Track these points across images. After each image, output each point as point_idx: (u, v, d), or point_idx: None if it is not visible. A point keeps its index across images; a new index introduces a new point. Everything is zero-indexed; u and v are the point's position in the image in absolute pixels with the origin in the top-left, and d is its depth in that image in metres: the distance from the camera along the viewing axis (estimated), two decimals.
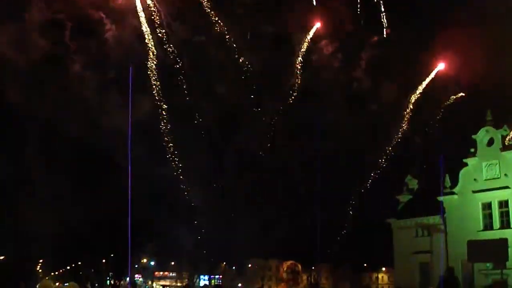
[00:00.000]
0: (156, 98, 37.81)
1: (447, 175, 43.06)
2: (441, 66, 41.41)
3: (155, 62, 36.99)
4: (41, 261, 66.79)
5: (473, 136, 42.15)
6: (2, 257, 63.62)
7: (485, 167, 40.82)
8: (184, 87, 39.07)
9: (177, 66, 38.19)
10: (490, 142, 41.16)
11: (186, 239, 59.96)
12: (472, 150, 42.08)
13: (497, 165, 40.11)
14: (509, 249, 34.93)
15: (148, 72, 36.86)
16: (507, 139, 40.37)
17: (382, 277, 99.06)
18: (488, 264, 37.19)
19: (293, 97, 42.42)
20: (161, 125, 40.00)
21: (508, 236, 36.59)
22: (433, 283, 23.53)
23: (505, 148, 40.19)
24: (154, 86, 37.83)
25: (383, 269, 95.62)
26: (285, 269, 8.07)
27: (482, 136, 41.69)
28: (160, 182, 47.62)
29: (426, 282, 30.22)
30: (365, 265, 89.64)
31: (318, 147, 37.79)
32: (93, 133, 43.52)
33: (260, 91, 43.45)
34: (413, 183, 49.08)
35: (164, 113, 39.56)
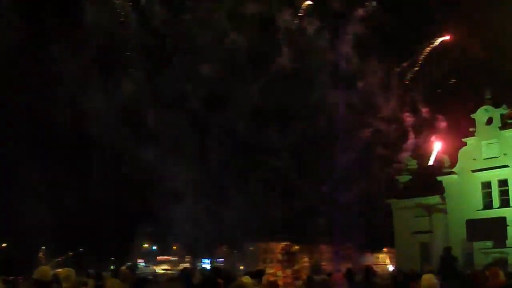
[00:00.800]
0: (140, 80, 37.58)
1: (446, 155, 43.19)
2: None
3: (137, 43, 36.78)
4: (43, 248, 67.06)
5: (472, 115, 42.07)
6: (4, 244, 63.90)
7: (484, 146, 40.76)
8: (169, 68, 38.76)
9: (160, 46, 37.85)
10: (489, 121, 41.08)
11: (186, 223, 60.10)
12: (471, 129, 42.02)
13: (497, 144, 40.06)
14: (509, 228, 35.08)
15: (131, 53, 36.61)
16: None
17: (383, 257, 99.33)
18: (488, 243, 37.33)
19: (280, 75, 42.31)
20: (146, 108, 39.86)
21: (508, 215, 36.72)
22: (434, 263, 23.56)
23: (504, 127, 40.12)
24: (135, 69, 37.56)
25: (384, 249, 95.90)
26: (279, 250, 8.11)
27: (481, 115, 41.60)
28: (152, 167, 47.28)
29: (426, 262, 30.34)
30: (366, 245, 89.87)
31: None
32: (77, 117, 42.91)
33: (245, 71, 43.03)
34: (413, 163, 49.03)
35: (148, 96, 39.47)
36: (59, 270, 11.13)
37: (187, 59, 42.37)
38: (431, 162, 47.77)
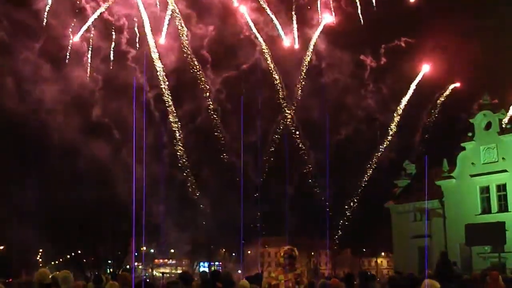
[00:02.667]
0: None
1: (445, 159, 43.20)
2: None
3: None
4: (41, 250, 67.02)
5: (471, 120, 42.15)
6: (2, 247, 63.87)
7: (482, 151, 40.84)
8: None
9: None
10: (488, 126, 41.15)
11: (184, 227, 60.06)
12: (470, 134, 42.09)
13: (495, 149, 40.13)
14: (507, 233, 35.08)
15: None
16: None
17: (381, 261, 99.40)
18: (486, 248, 37.35)
19: None
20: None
21: (506, 220, 36.70)
22: (432, 267, 23.54)
23: (502, 131, 40.20)
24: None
25: (382, 254, 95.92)
26: (282, 254, 8.12)
27: (479, 120, 41.67)
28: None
29: (425, 266, 30.37)
30: (364, 250, 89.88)
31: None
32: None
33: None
34: (411, 168, 49.11)
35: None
36: (57, 272, 11.14)
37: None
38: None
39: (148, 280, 20.36)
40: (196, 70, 40.15)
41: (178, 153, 42.05)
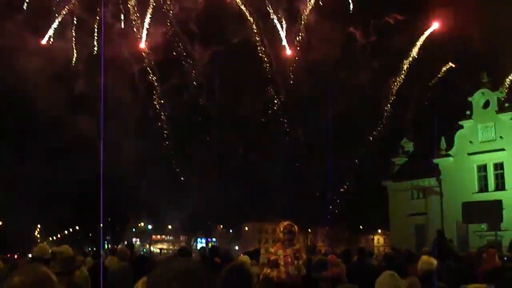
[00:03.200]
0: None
1: (442, 137, 43.19)
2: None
3: None
4: (38, 226, 67.20)
5: (469, 99, 42.10)
6: (0, 222, 63.96)
7: (480, 129, 40.89)
8: None
9: None
10: (486, 105, 41.14)
11: (182, 203, 60.23)
12: (468, 112, 42.06)
13: (493, 127, 40.18)
14: (504, 211, 35.20)
15: None
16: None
17: (378, 239, 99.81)
18: (482, 226, 37.50)
19: None
20: None
21: (503, 198, 36.80)
22: (429, 245, 23.66)
23: (500, 110, 40.18)
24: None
25: (379, 231, 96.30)
26: (281, 229, 8.11)
27: (477, 98, 41.64)
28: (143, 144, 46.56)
29: (421, 244, 30.53)
30: (361, 227, 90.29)
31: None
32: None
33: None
34: (409, 146, 49.14)
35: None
36: (56, 248, 11.14)
37: None
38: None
39: (147, 256, 20.41)
40: (183, 45, 39.78)
41: (165, 131, 42.02)
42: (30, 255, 16.24)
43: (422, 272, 8.53)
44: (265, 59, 40.87)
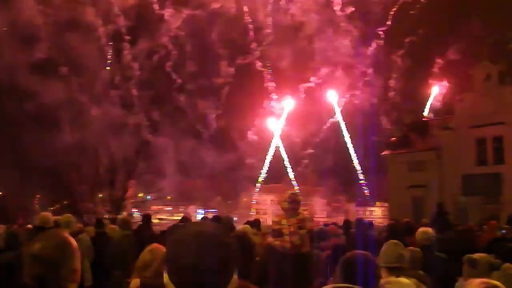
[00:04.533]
0: None
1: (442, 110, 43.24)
2: None
3: None
4: (38, 196, 67.24)
5: (470, 71, 41.98)
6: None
7: (481, 102, 40.77)
8: None
9: None
10: (488, 78, 41.00)
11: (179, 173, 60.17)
12: (469, 85, 41.98)
13: (493, 100, 40.07)
14: (503, 184, 35.38)
15: None
16: None
17: (376, 211, 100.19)
18: (482, 198, 37.70)
19: None
20: None
21: (502, 171, 36.95)
22: (427, 217, 23.80)
23: (501, 83, 40.08)
24: None
25: (377, 203, 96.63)
26: (285, 198, 8.12)
27: (479, 71, 41.50)
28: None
29: (419, 216, 30.69)
30: (359, 199, 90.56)
31: None
32: None
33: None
34: (408, 118, 49.11)
35: None
36: (59, 217, 11.19)
37: None
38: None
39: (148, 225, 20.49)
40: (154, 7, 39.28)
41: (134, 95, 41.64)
42: (30, 225, 16.27)
43: (421, 243, 8.61)
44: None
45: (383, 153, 48.27)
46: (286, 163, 56.20)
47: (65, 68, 40.54)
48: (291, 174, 56.75)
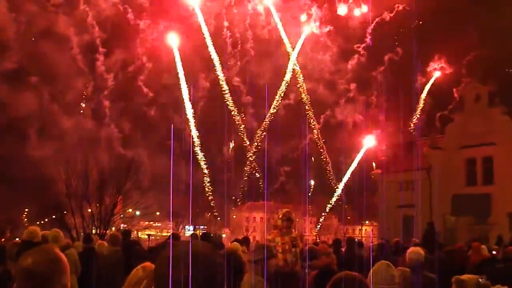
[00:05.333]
0: None
1: (432, 130, 43.40)
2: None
3: None
4: (26, 210, 66.78)
5: (460, 92, 42.26)
6: None
7: (471, 123, 40.97)
8: None
9: None
10: (477, 98, 41.24)
11: (169, 190, 59.85)
12: (459, 105, 42.23)
13: (483, 121, 40.27)
14: (492, 205, 35.45)
15: None
16: None
17: (366, 230, 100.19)
18: (471, 219, 37.74)
19: None
20: None
21: (491, 192, 37.03)
22: (417, 237, 23.77)
23: (491, 104, 40.32)
24: None
25: (367, 222, 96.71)
26: (280, 216, 8.07)
27: (469, 91, 41.76)
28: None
29: (409, 236, 30.66)
30: (349, 217, 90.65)
31: None
32: None
33: None
34: (399, 137, 49.28)
35: None
36: (47, 231, 11.10)
37: None
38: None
39: (137, 241, 20.41)
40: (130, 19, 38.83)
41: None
42: (17, 239, 16.14)
43: (411, 263, 8.58)
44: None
45: (373, 172, 48.33)
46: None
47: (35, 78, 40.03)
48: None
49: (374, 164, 47.43)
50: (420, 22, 42.33)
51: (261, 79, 42.87)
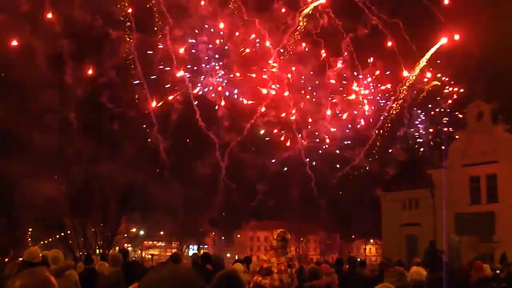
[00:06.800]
0: None
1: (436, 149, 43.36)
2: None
3: None
4: (30, 230, 66.81)
5: (463, 110, 42.25)
6: None
7: (474, 141, 40.94)
8: None
9: None
10: (480, 116, 41.24)
11: (174, 210, 59.89)
12: (462, 124, 42.21)
13: (487, 139, 40.24)
14: (496, 223, 35.30)
15: None
16: None
17: (370, 248, 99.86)
18: (475, 237, 37.56)
19: None
20: None
21: (495, 210, 36.90)
22: (420, 255, 23.70)
23: (494, 122, 40.30)
24: None
25: (371, 241, 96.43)
26: (275, 236, 8.08)
27: (472, 109, 41.77)
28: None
29: (413, 254, 30.56)
30: (353, 236, 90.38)
31: None
32: None
33: None
34: (402, 156, 49.15)
35: None
36: (47, 251, 11.09)
37: None
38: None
39: (138, 262, 20.44)
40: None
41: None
42: (20, 259, 16.16)
43: (413, 282, 8.55)
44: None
45: (376, 190, 48.27)
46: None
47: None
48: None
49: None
50: None
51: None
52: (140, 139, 44.10)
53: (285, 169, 46.95)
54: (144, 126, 42.79)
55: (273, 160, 45.27)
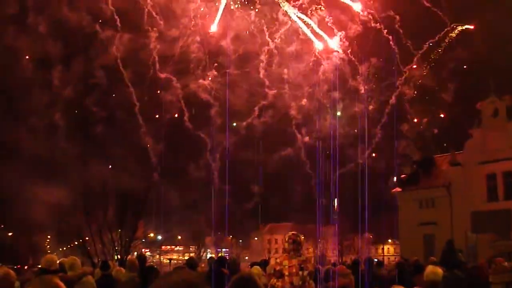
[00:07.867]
0: None
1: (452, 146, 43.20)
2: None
3: None
4: (49, 237, 67.43)
5: (478, 107, 42.01)
6: (10, 233, 64.22)
7: (490, 138, 40.68)
8: None
9: None
10: (495, 113, 40.99)
11: (192, 213, 60.09)
12: (477, 121, 41.98)
13: (502, 135, 39.97)
14: None
15: None
16: None
17: (388, 248, 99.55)
18: (492, 235, 37.33)
19: None
20: None
21: None
22: (438, 255, 23.57)
23: (509, 118, 40.04)
24: None
25: (389, 240, 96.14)
26: (286, 239, 8.13)
27: (486, 106, 41.53)
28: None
29: (430, 254, 30.42)
30: (371, 237, 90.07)
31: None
32: None
33: None
34: (418, 155, 48.96)
35: None
36: (65, 259, 11.20)
37: None
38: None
39: (155, 267, 20.47)
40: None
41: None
42: (39, 266, 16.31)
43: (429, 282, 8.54)
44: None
45: (393, 190, 48.07)
46: None
47: None
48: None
49: (395, 179, 46.94)
50: None
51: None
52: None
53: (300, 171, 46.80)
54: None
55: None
